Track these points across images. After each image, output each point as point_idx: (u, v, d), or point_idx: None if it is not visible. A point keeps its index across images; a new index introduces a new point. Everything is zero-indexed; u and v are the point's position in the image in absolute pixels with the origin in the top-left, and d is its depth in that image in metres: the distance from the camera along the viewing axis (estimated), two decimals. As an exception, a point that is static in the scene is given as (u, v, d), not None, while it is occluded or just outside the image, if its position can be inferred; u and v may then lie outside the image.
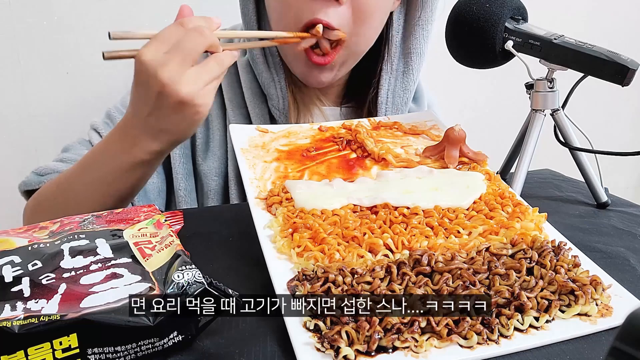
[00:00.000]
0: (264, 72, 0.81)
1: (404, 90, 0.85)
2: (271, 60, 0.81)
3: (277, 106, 0.82)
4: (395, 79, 0.85)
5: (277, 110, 0.82)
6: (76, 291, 0.39)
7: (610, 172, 0.98)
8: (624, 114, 1.64)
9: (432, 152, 0.64)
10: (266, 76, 0.81)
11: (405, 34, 0.84)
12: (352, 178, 0.61)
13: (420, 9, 0.81)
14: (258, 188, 0.58)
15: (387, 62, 0.83)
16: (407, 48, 0.84)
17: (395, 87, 0.85)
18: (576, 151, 0.67)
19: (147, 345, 0.38)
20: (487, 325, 0.41)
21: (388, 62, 0.84)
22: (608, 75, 0.59)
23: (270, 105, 0.83)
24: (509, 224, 0.52)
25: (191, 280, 0.39)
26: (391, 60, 0.83)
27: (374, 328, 0.39)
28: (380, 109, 0.85)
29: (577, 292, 0.43)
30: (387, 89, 0.84)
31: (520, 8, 0.66)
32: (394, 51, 0.83)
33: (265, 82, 0.82)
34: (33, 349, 0.35)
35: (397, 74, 0.85)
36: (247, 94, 0.83)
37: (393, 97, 0.85)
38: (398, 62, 0.84)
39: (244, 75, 0.83)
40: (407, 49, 0.84)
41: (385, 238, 0.50)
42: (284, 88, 0.81)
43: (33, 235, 0.48)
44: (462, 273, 0.45)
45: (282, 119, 0.83)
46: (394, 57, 0.84)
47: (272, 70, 0.81)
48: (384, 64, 0.83)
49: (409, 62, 0.84)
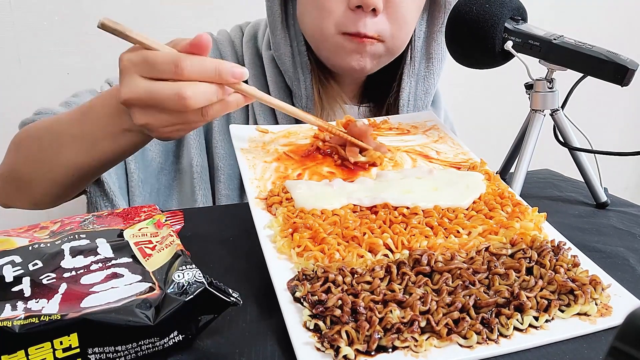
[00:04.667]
0: (290, 70, 0.82)
1: (425, 93, 0.87)
2: (299, 59, 0.82)
3: (301, 103, 0.83)
4: (417, 82, 0.86)
5: (302, 107, 0.83)
6: (77, 291, 0.39)
7: (610, 172, 0.98)
8: (623, 114, 1.64)
9: (337, 142, 0.64)
10: (292, 74, 0.82)
11: (427, 38, 0.85)
12: (352, 178, 0.61)
13: (443, 15, 0.83)
14: (258, 188, 0.58)
15: (409, 65, 0.85)
16: (429, 52, 0.86)
17: (417, 90, 0.86)
18: (576, 151, 0.67)
19: (147, 345, 0.38)
20: (487, 325, 0.41)
21: (411, 66, 0.85)
22: (608, 76, 0.59)
23: (294, 101, 0.84)
24: (508, 223, 0.52)
25: (191, 280, 0.39)
26: (413, 64, 0.85)
27: (374, 328, 0.39)
28: (402, 111, 0.86)
29: (577, 291, 0.43)
30: (408, 92, 0.86)
31: (520, 8, 0.66)
32: (416, 55, 0.85)
33: (291, 79, 0.83)
34: (33, 348, 0.35)
35: (419, 78, 0.86)
36: (272, 87, 0.84)
37: (415, 100, 0.87)
38: (419, 65, 0.86)
39: (270, 69, 0.84)
40: (429, 53, 0.86)
41: (385, 238, 0.50)
42: (309, 88, 0.82)
43: (33, 235, 0.48)
44: (461, 273, 0.45)
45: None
46: (416, 61, 0.85)
47: (299, 69, 0.82)
48: (406, 67, 0.85)
49: (430, 66, 0.86)
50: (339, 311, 0.41)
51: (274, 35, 0.81)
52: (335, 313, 0.40)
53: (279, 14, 0.80)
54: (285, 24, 0.81)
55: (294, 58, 0.82)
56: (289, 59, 0.81)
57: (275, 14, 0.80)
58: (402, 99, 0.86)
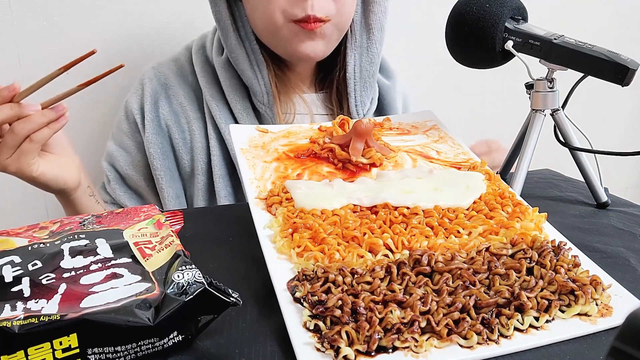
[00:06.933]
0: (247, 70, 0.85)
1: (370, 63, 0.91)
2: (254, 58, 0.85)
3: (262, 101, 0.86)
4: (361, 55, 0.90)
5: (263, 104, 0.87)
6: (76, 291, 0.39)
7: (610, 172, 0.98)
8: (623, 114, 1.63)
9: (339, 141, 0.64)
10: (249, 74, 0.85)
11: (365, 11, 0.89)
12: (352, 178, 0.61)
13: None
14: (258, 188, 0.58)
15: (350, 39, 0.89)
16: (368, 24, 0.89)
17: (361, 61, 0.90)
18: (576, 151, 0.67)
19: (147, 345, 0.38)
20: (487, 325, 0.41)
21: (352, 39, 0.89)
22: (608, 75, 0.59)
23: (254, 100, 0.87)
24: (509, 224, 0.52)
25: (191, 280, 0.39)
26: (354, 37, 0.89)
27: (374, 328, 0.39)
28: (350, 84, 0.90)
29: (577, 292, 0.43)
30: (354, 64, 0.90)
31: (520, 8, 0.66)
32: (356, 28, 0.89)
33: (249, 79, 0.86)
34: (33, 349, 0.35)
35: (362, 50, 0.90)
36: (227, 92, 0.87)
37: (360, 72, 0.90)
38: (361, 38, 0.90)
39: (223, 73, 0.88)
40: (368, 24, 0.89)
41: (385, 238, 0.50)
42: (267, 84, 0.86)
43: (33, 235, 0.48)
44: (462, 273, 0.45)
45: (268, 112, 0.87)
46: (357, 33, 0.89)
47: (255, 67, 0.85)
48: (348, 41, 0.89)
49: (372, 36, 0.90)
50: (339, 311, 0.41)
51: (227, 39, 0.85)
52: (336, 313, 0.40)
53: (227, 18, 0.84)
54: (234, 26, 0.85)
55: (249, 57, 0.85)
56: (244, 60, 0.85)
57: (224, 19, 0.84)
58: (348, 72, 0.90)
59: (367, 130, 0.63)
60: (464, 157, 0.66)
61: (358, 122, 0.64)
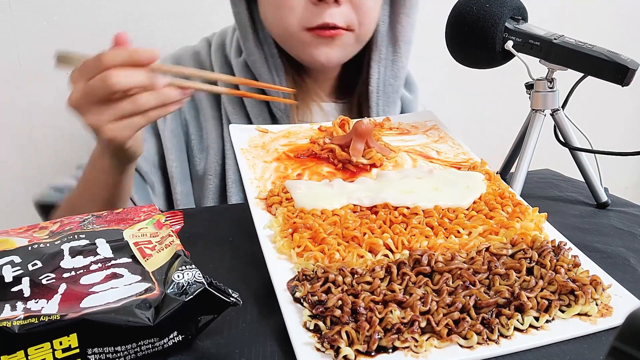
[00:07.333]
0: (265, 74, 0.82)
1: (394, 77, 0.87)
2: (272, 62, 0.82)
3: (279, 106, 0.83)
4: (385, 67, 0.87)
5: (280, 110, 0.84)
6: (76, 291, 0.39)
7: (611, 172, 0.98)
8: (623, 114, 1.63)
9: (339, 142, 0.64)
10: (267, 78, 0.82)
11: (392, 22, 0.86)
12: (352, 178, 0.61)
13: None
14: (258, 188, 0.58)
15: (375, 51, 0.85)
16: (395, 37, 0.86)
17: (385, 75, 0.87)
18: (576, 151, 0.67)
19: (147, 345, 0.38)
20: (487, 325, 0.41)
21: (376, 51, 0.85)
22: (608, 75, 0.59)
23: (271, 104, 0.84)
24: (509, 224, 0.52)
25: (191, 280, 0.39)
26: (379, 49, 0.85)
27: (374, 328, 0.39)
28: (372, 98, 0.86)
29: (577, 292, 0.43)
30: (377, 77, 0.86)
31: (520, 8, 0.66)
32: (381, 40, 0.85)
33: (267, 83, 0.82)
34: (33, 349, 0.35)
35: (387, 63, 0.87)
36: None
37: (384, 86, 0.87)
38: (386, 50, 0.86)
39: (241, 75, 0.85)
40: (395, 37, 0.86)
41: (385, 238, 0.49)
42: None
43: (33, 235, 0.48)
44: (462, 273, 0.45)
45: (285, 119, 0.84)
46: (382, 45, 0.85)
47: (273, 72, 0.82)
48: (373, 53, 0.85)
49: (398, 49, 0.86)
50: (339, 311, 0.41)
51: (246, 41, 0.82)
52: (335, 313, 0.40)
53: (247, 20, 0.81)
54: (254, 28, 0.82)
55: (267, 61, 0.82)
56: (262, 64, 0.82)
57: (243, 21, 0.81)
58: (371, 85, 0.86)
59: (368, 131, 0.63)
60: (464, 157, 0.66)
61: (358, 123, 0.64)
